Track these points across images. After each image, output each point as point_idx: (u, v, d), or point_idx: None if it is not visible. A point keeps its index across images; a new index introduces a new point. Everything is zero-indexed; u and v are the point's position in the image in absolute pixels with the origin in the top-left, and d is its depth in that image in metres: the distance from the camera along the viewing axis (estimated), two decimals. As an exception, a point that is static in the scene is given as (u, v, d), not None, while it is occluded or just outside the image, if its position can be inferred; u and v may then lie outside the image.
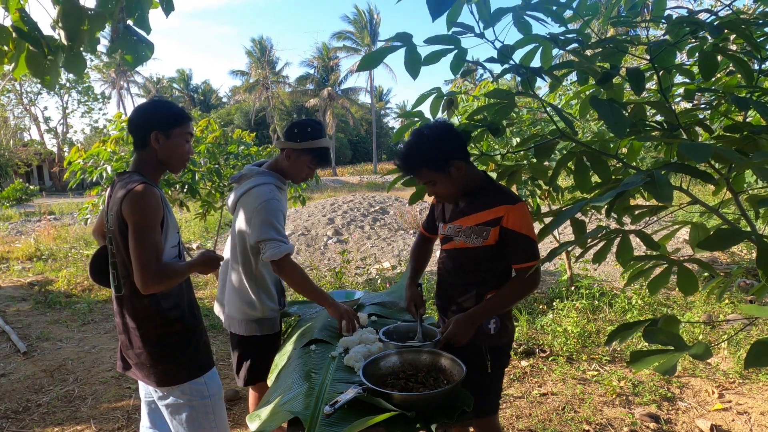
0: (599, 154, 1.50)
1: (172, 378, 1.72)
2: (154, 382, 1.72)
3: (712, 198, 1.95)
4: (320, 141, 2.17)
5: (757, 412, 2.87)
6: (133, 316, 1.69)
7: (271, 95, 40.47)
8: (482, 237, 1.75)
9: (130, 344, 1.73)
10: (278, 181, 2.19)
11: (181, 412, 1.73)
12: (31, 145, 28.02)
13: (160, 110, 1.71)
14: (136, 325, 1.69)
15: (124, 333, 1.75)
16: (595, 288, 4.88)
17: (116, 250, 1.68)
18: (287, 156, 2.19)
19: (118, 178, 1.73)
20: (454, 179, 1.75)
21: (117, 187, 1.68)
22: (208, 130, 5.55)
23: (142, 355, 1.70)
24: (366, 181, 27.27)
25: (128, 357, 1.77)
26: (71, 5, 1.63)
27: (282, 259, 2.01)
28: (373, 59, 1.52)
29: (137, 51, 1.85)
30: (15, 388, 3.47)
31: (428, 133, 1.72)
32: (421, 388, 1.54)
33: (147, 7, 1.82)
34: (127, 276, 1.66)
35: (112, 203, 1.68)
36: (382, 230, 9.21)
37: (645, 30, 4.98)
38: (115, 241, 1.67)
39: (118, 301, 1.73)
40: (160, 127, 1.68)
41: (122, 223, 1.62)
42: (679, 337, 1.09)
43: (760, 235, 0.98)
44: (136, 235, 1.58)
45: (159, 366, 1.70)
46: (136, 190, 1.59)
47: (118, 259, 1.68)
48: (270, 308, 2.21)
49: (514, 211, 1.70)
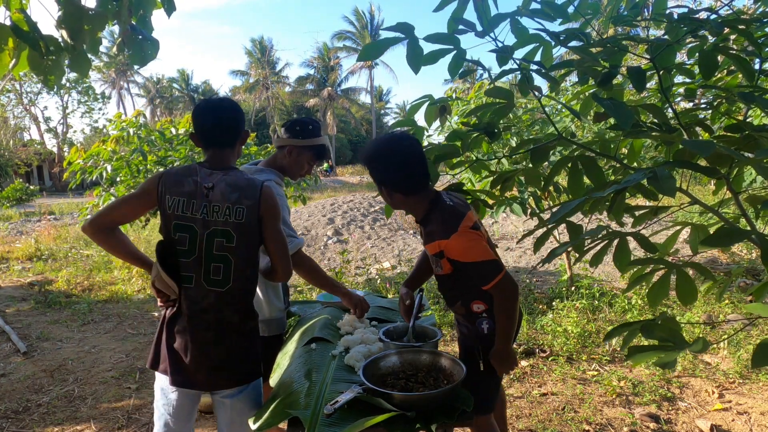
0: (598, 156, 1.50)
1: (254, 373, 1.75)
2: (236, 380, 1.70)
3: (712, 199, 1.95)
4: (321, 138, 2.25)
5: (757, 412, 2.87)
6: (237, 310, 1.68)
7: (271, 95, 40.48)
8: (439, 266, 1.77)
9: (222, 341, 1.66)
10: (277, 178, 2.21)
11: (252, 408, 1.75)
12: (31, 145, 28.03)
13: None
14: (239, 319, 1.68)
15: (214, 329, 1.65)
16: (595, 288, 4.88)
17: (231, 244, 1.64)
18: (288, 152, 2.21)
19: (222, 171, 1.68)
20: (391, 200, 1.77)
21: (227, 179, 1.65)
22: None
23: (236, 351, 1.68)
24: (366, 181, 27.25)
25: (207, 358, 1.65)
26: (72, 5, 1.63)
27: (297, 254, 2.04)
28: (374, 49, 1.53)
29: (143, 50, 1.86)
30: (15, 388, 3.47)
31: (392, 147, 1.71)
32: (421, 388, 1.54)
33: (150, 7, 1.82)
34: (244, 269, 1.66)
35: (225, 196, 1.63)
36: (382, 230, 9.21)
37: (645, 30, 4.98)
38: (228, 234, 1.63)
39: (216, 296, 1.65)
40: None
41: (251, 215, 1.64)
42: (678, 332, 1.09)
43: (761, 233, 0.98)
44: (277, 227, 1.70)
45: (248, 361, 1.72)
46: (268, 184, 1.71)
47: (231, 253, 1.64)
48: (277, 308, 2.21)
49: (450, 244, 1.66)
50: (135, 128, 5.20)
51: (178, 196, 1.63)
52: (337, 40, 40.94)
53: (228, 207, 1.63)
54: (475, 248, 1.67)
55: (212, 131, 1.70)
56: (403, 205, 1.78)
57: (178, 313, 1.66)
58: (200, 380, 1.67)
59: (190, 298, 1.64)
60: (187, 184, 1.64)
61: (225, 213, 1.63)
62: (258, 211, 1.65)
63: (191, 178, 1.65)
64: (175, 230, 1.64)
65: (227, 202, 1.63)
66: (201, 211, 1.63)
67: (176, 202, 1.63)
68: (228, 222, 1.63)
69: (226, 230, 1.63)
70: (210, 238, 1.63)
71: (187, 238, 1.63)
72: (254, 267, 1.72)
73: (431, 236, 1.71)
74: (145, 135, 5.19)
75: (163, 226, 1.66)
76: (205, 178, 1.65)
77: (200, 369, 1.65)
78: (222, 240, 1.64)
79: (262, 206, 1.66)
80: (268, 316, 2.18)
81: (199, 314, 1.64)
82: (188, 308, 1.64)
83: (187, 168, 1.69)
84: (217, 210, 1.63)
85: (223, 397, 1.73)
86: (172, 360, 1.66)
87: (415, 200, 1.75)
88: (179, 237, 1.63)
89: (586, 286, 4.83)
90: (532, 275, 6.01)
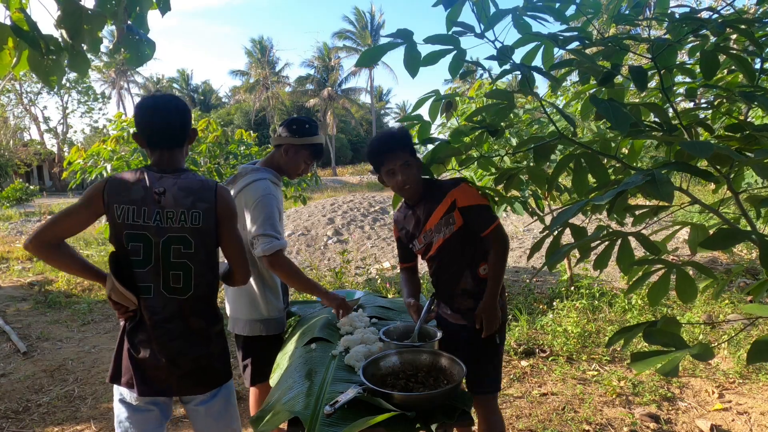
0: (599, 155, 1.50)
1: (226, 374, 1.73)
2: (207, 384, 1.67)
3: (712, 198, 1.95)
4: (318, 137, 2.25)
5: (757, 412, 2.87)
6: (201, 316, 1.64)
7: (271, 95, 40.47)
8: (450, 224, 1.95)
9: (189, 348, 1.62)
10: (274, 177, 2.19)
11: (227, 409, 1.74)
12: (31, 145, 27.99)
13: None
14: (205, 325, 1.65)
15: (181, 338, 1.61)
16: (595, 288, 4.88)
17: (190, 250, 1.59)
18: (285, 151, 2.21)
19: (172, 174, 1.62)
20: (419, 168, 1.99)
21: (179, 183, 1.59)
22: (208, 130, 5.55)
23: (205, 356, 1.65)
24: (366, 181, 27.26)
25: (177, 366, 1.60)
26: (71, 5, 1.63)
27: (273, 255, 2.00)
28: (372, 55, 1.52)
29: (139, 50, 1.86)
30: (15, 388, 3.47)
31: (397, 128, 2.01)
32: (421, 388, 1.54)
33: (147, 7, 1.82)
34: (205, 274, 1.63)
35: (178, 200, 1.57)
36: (382, 230, 9.21)
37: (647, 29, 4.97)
38: (186, 240, 1.58)
39: (178, 304, 1.60)
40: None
41: (208, 219, 1.60)
42: (680, 337, 1.08)
43: (761, 234, 0.98)
44: (235, 229, 1.68)
45: (218, 363, 1.70)
46: (223, 186, 1.69)
47: (190, 259, 1.59)
48: (276, 308, 2.20)
49: (459, 191, 1.93)
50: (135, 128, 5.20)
51: (128, 204, 1.55)
52: (338, 39, 40.96)
53: (183, 212, 1.57)
54: (477, 192, 1.97)
55: (161, 132, 1.61)
56: (420, 177, 2.00)
57: (139, 323, 1.60)
58: (171, 387, 1.62)
59: (151, 309, 1.58)
60: (135, 190, 1.55)
61: (180, 218, 1.57)
62: (215, 214, 1.60)
63: (139, 184, 1.56)
64: (127, 240, 1.55)
65: (181, 206, 1.57)
66: (154, 218, 1.55)
67: (126, 210, 1.55)
68: (184, 228, 1.57)
69: (183, 236, 1.58)
70: (166, 246, 1.57)
71: (141, 248, 1.56)
72: (215, 271, 1.69)
73: (439, 197, 1.94)
74: (145, 135, 5.19)
75: (114, 236, 1.58)
76: (154, 183, 1.57)
77: (170, 377, 1.60)
78: (179, 247, 1.58)
79: (219, 208, 1.61)
80: (267, 315, 2.18)
81: (163, 324, 1.59)
82: (150, 318, 1.58)
83: (133, 173, 1.60)
84: (171, 216, 1.56)
85: (196, 405, 1.70)
86: (138, 371, 1.59)
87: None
88: (132, 247, 1.55)
89: (586, 286, 4.83)
90: (531, 275, 6.01)
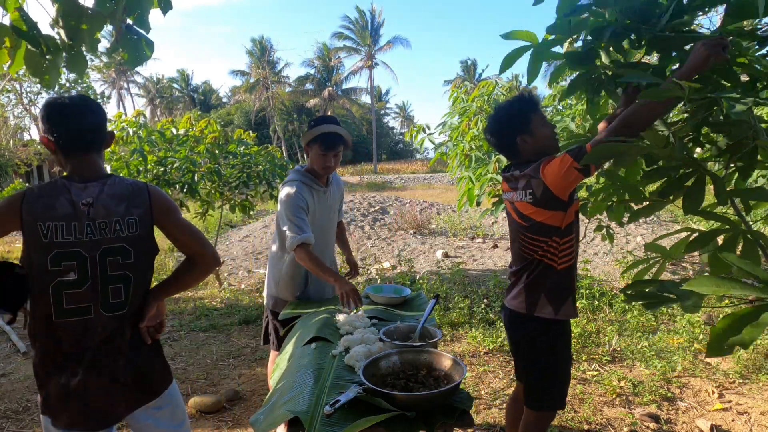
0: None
1: (169, 375, 1.70)
2: (154, 390, 1.63)
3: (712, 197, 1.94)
4: (320, 128, 2.36)
5: (757, 412, 2.87)
6: (137, 324, 1.57)
7: (271, 95, 40.46)
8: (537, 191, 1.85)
9: (131, 363, 1.54)
10: (305, 179, 2.42)
11: (177, 408, 1.72)
12: (31, 145, 27.95)
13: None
14: (138, 333, 1.58)
15: (121, 354, 1.52)
16: (595, 288, 4.88)
17: (129, 260, 1.50)
18: (306, 152, 2.45)
19: (97, 181, 1.51)
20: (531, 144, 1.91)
21: (107, 191, 1.50)
22: (208, 130, 5.55)
23: (146, 364, 1.60)
24: (366, 181, 27.24)
25: (123, 386, 1.53)
26: (71, 4, 1.63)
27: (297, 248, 2.28)
28: (509, 60, 1.67)
29: (138, 50, 1.85)
30: (15, 388, 3.47)
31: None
32: (422, 388, 1.54)
33: (148, 6, 1.82)
34: (143, 283, 1.55)
35: (110, 209, 1.47)
36: (382, 230, 9.21)
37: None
38: (124, 250, 1.49)
39: (118, 321, 1.51)
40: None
41: (145, 224, 1.51)
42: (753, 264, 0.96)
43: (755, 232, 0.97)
44: (179, 218, 1.61)
45: (161, 369, 1.66)
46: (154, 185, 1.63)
47: (130, 269, 1.50)
48: (290, 292, 2.53)
49: (547, 163, 1.77)
50: (135, 128, 5.21)
51: (54, 221, 1.41)
52: (338, 39, 40.95)
53: (117, 221, 1.47)
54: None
55: (77, 137, 1.48)
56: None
57: (68, 352, 1.46)
58: (120, 411, 1.54)
59: (90, 331, 1.46)
60: (60, 205, 1.42)
61: (115, 228, 1.47)
62: (151, 216, 1.53)
63: (63, 197, 1.43)
64: (58, 260, 1.42)
65: (115, 215, 1.47)
66: (86, 233, 1.43)
67: (53, 228, 1.41)
68: (121, 237, 1.47)
69: (121, 246, 1.47)
70: (102, 259, 1.46)
71: (74, 266, 1.43)
72: (150, 276, 1.61)
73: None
74: (145, 135, 5.19)
75: (37, 257, 1.44)
76: (79, 194, 1.45)
77: (119, 401, 1.52)
78: (117, 258, 1.47)
79: (155, 209, 1.54)
80: (275, 294, 2.55)
81: (101, 346, 1.48)
82: (85, 342, 1.46)
83: (53, 186, 1.46)
84: (104, 226, 1.45)
85: (146, 419, 1.62)
86: (76, 408, 1.46)
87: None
88: (65, 266, 1.43)
89: (586, 286, 4.83)
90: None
